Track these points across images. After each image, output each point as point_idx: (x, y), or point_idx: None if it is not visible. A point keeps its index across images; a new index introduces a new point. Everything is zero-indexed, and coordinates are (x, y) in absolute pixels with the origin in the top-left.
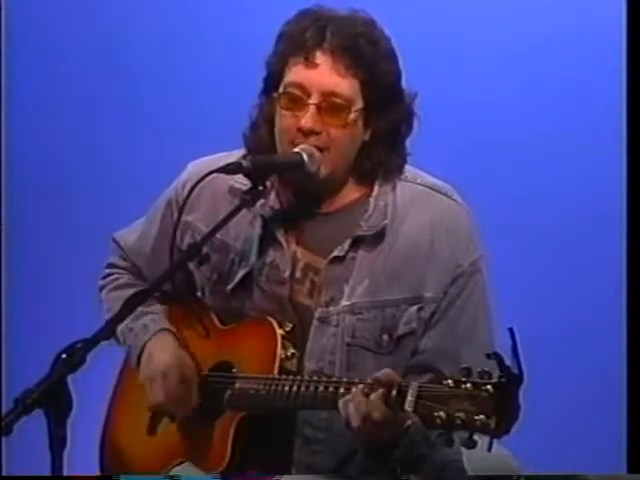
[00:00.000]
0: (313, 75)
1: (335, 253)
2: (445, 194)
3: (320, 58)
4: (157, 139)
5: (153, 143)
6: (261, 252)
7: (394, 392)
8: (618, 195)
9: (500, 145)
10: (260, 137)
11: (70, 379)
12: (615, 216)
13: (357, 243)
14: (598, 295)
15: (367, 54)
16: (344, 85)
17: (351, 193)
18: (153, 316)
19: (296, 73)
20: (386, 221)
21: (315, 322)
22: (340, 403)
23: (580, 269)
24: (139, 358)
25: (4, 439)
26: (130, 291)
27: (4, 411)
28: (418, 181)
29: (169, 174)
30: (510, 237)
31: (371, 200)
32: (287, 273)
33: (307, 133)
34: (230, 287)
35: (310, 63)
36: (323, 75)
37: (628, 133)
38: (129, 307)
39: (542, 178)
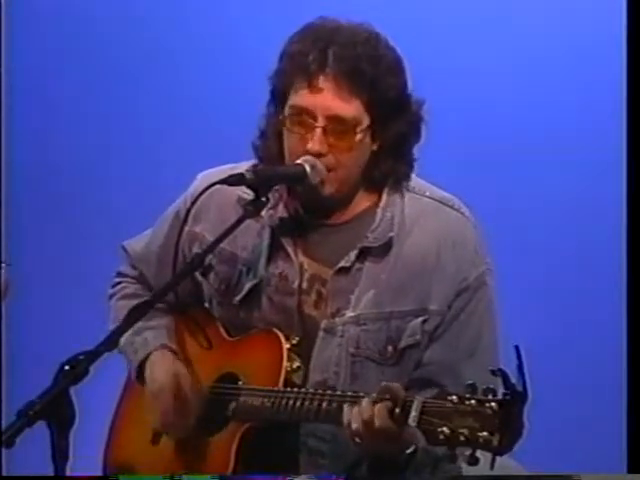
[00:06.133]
0: (318, 100)
1: (341, 264)
2: (452, 207)
3: (323, 83)
4: (163, 145)
5: (158, 150)
6: (269, 263)
7: (398, 407)
8: (622, 206)
9: (504, 153)
10: (270, 147)
11: (73, 391)
12: (619, 229)
13: (363, 254)
14: (599, 295)
15: (369, 75)
16: (348, 109)
17: (360, 203)
18: (154, 332)
19: (301, 97)
20: (392, 233)
21: (321, 333)
22: (345, 408)
23: (582, 274)
24: (138, 375)
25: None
26: (136, 301)
27: (6, 424)
28: (427, 194)
29: (175, 182)
30: (514, 245)
31: (378, 211)
32: (296, 284)
33: (315, 155)
34: (238, 298)
35: (314, 88)
36: (327, 100)
37: (632, 143)
38: (132, 318)
39: (546, 185)
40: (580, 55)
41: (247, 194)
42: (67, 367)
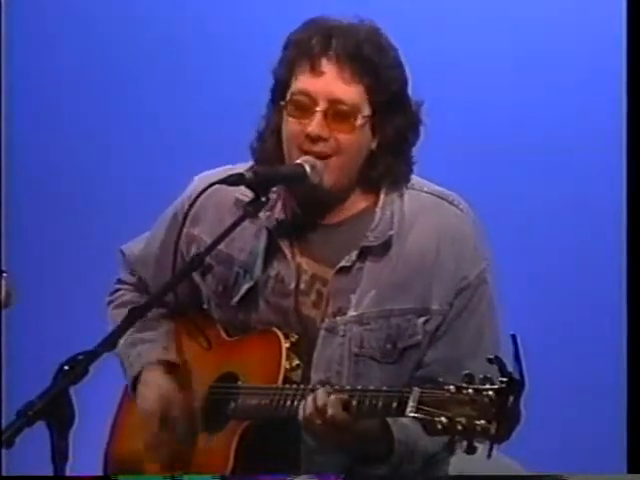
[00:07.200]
0: (319, 83)
1: (342, 263)
2: (452, 203)
3: (326, 66)
4: (163, 145)
5: (158, 150)
6: (266, 264)
7: (395, 402)
8: (621, 202)
9: (504, 151)
10: (267, 148)
11: (73, 391)
12: (619, 229)
13: (364, 253)
14: (598, 295)
15: (372, 61)
16: (350, 92)
17: (357, 203)
18: (149, 345)
19: (302, 81)
20: (392, 231)
21: (322, 332)
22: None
23: (582, 274)
24: (133, 388)
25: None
26: None
27: (5, 424)
28: (425, 189)
29: (175, 182)
30: (514, 245)
31: (377, 210)
32: (292, 285)
33: (314, 139)
34: (235, 300)
35: (316, 71)
36: (329, 83)
37: (631, 143)
38: (132, 319)
39: (546, 185)
40: (580, 55)
41: (245, 196)
42: (67, 367)
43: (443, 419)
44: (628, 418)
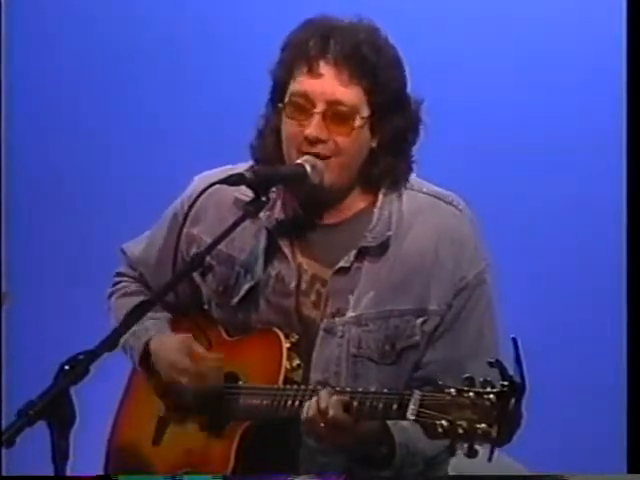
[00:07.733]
0: (317, 85)
1: (341, 264)
2: (450, 203)
3: (324, 68)
4: (163, 145)
5: (158, 150)
6: (266, 264)
7: (395, 404)
8: (622, 202)
9: (505, 151)
10: (266, 147)
11: (73, 390)
12: (619, 229)
13: (362, 254)
14: (599, 295)
15: (370, 62)
16: (348, 94)
17: (356, 203)
18: (155, 321)
19: (301, 83)
20: (390, 232)
21: (321, 333)
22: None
23: (582, 274)
24: (141, 358)
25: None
26: (139, 298)
27: (6, 423)
28: (424, 190)
29: (176, 182)
30: (514, 246)
31: (376, 210)
32: (293, 285)
33: (313, 141)
34: (236, 300)
35: (314, 73)
36: (327, 85)
37: (632, 143)
38: (132, 318)
39: (547, 185)
40: (580, 55)
41: (245, 196)
42: (67, 367)
43: (444, 422)
44: (628, 418)
